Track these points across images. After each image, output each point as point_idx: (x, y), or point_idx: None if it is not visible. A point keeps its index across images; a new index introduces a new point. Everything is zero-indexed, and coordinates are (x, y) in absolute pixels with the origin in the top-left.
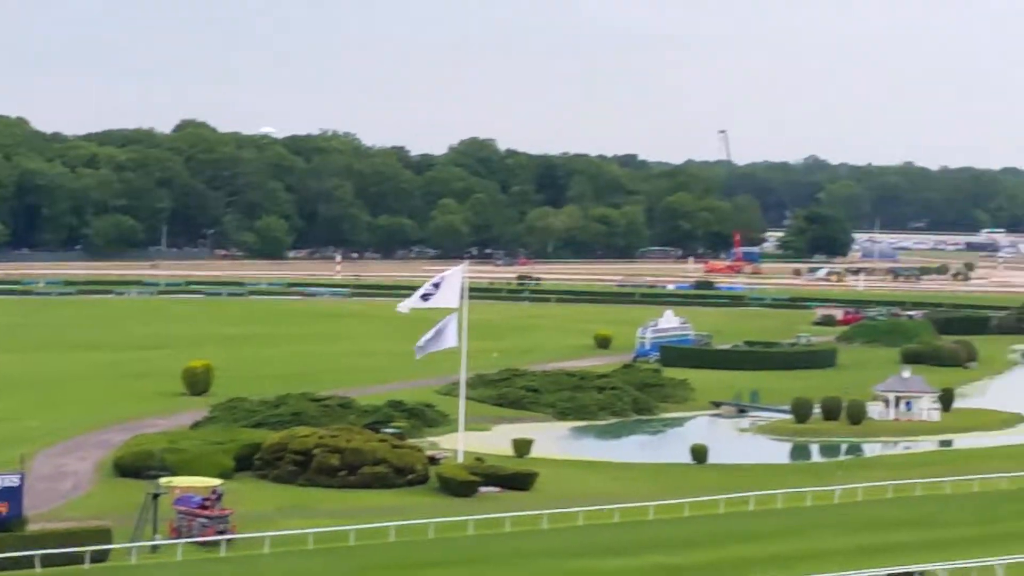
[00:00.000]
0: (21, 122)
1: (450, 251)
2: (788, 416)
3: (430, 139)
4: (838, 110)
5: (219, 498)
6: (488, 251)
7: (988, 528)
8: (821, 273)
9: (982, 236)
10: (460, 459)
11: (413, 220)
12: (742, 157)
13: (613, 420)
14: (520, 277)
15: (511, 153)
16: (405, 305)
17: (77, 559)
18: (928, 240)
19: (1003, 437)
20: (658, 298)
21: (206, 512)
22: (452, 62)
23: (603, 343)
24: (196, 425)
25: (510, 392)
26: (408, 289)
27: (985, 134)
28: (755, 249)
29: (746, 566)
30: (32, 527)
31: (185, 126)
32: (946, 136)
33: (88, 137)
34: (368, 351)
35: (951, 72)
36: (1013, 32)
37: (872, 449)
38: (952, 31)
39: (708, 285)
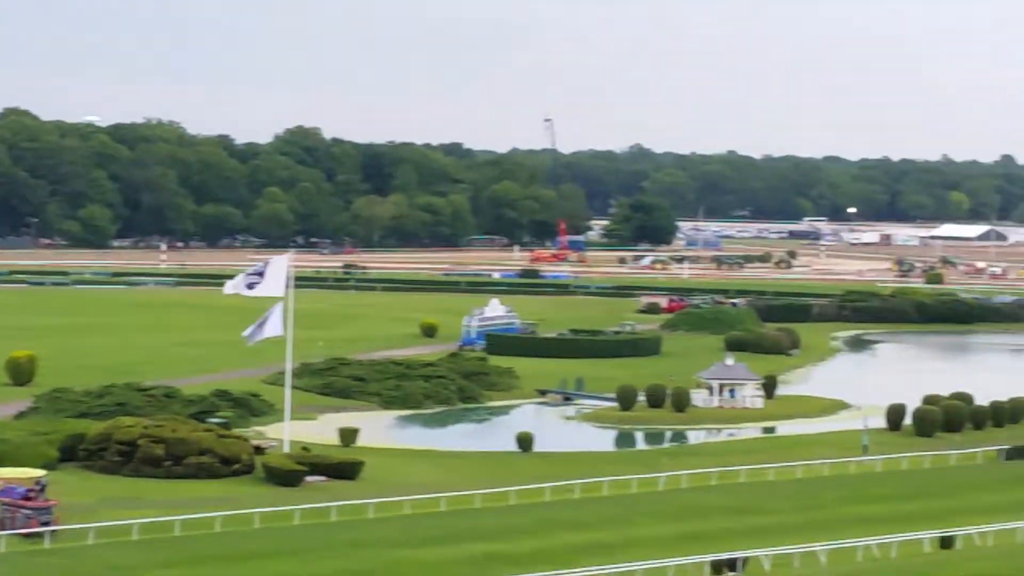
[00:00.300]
0: None
1: (275, 240)
2: (613, 404)
3: (255, 128)
4: (663, 100)
5: (43, 489)
6: (314, 240)
7: (811, 514)
8: (646, 261)
9: (804, 224)
10: (286, 449)
11: (238, 209)
12: (568, 146)
13: (439, 409)
14: (346, 266)
15: (337, 142)
16: (230, 286)
17: None
18: (751, 228)
19: (825, 424)
20: (484, 287)
21: (30, 503)
22: (278, 51)
23: (429, 332)
24: (20, 416)
25: (336, 381)
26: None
27: (807, 124)
28: (580, 238)
29: (572, 554)
30: None
31: (8, 114)
32: (769, 125)
33: None
34: (193, 341)
35: (774, 62)
36: (833, 20)
37: (696, 436)
38: (775, 22)
39: (534, 274)
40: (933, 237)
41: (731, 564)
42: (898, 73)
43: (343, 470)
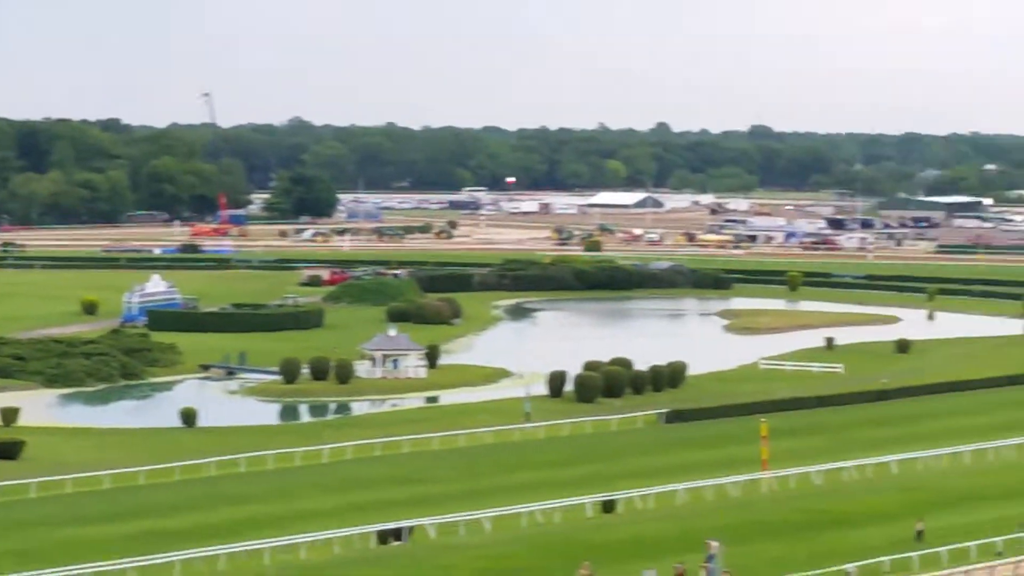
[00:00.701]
0: None
1: None
2: (277, 377)
3: None
4: (322, 73)
5: None
6: None
7: (475, 482)
8: (307, 234)
9: (464, 194)
10: None
11: None
12: (227, 120)
13: (101, 386)
14: (3, 244)
15: None
16: None
17: None
18: (412, 199)
19: (488, 392)
20: (145, 263)
21: None
22: None
23: (90, 309)
24: None
25: None
26: None
27: (466, 95)
28: (241, 212)
29: (237, 527)
30: None
31: None
32: (428, 97)
33: None
34: None
35: (431, 34)
36: None
37: (360, 408)
38: None
39: (194, 249)
40: (591, 205)
41: (397, 533)
42: (553, 43)
43: (4, 450)
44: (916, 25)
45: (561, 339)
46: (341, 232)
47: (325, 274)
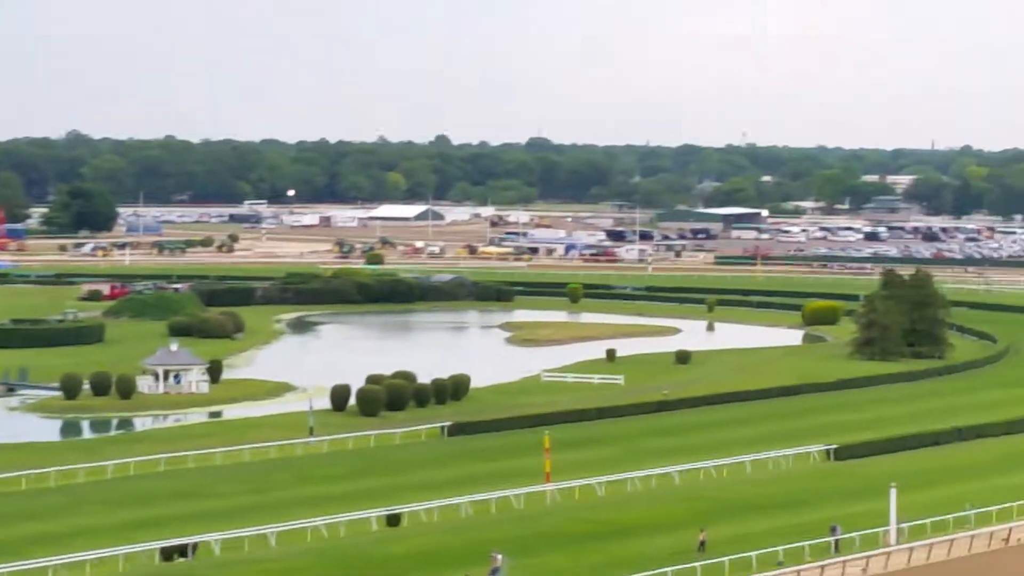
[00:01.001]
0: None
1: None
2: (57, 393)
3: None
4: (96, 85)
5: None
6: None
7: (259, 497)
8: (87, 248)
9: (245, 208)
10: None
11: None
12: (2, 133)
13: None
14: None
15: None
16: None
17: None
18: (193, 213)
19: (271, 406)
20: None
21: None
22: None
23: None
24: None
25: None
26: None
27: (245, 107)
28: (19, 226)
29: (20, 545)
30: None
31: None
32: (207, 109)
33: None
34: None
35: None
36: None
37: (143, 423)
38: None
39: None
40: (372, 218)
41: (182, 550)
42: (332, 55)
43: None
44: (698, 37)
45: (344, 352)
46: (121, 246)
47: (105, 288)
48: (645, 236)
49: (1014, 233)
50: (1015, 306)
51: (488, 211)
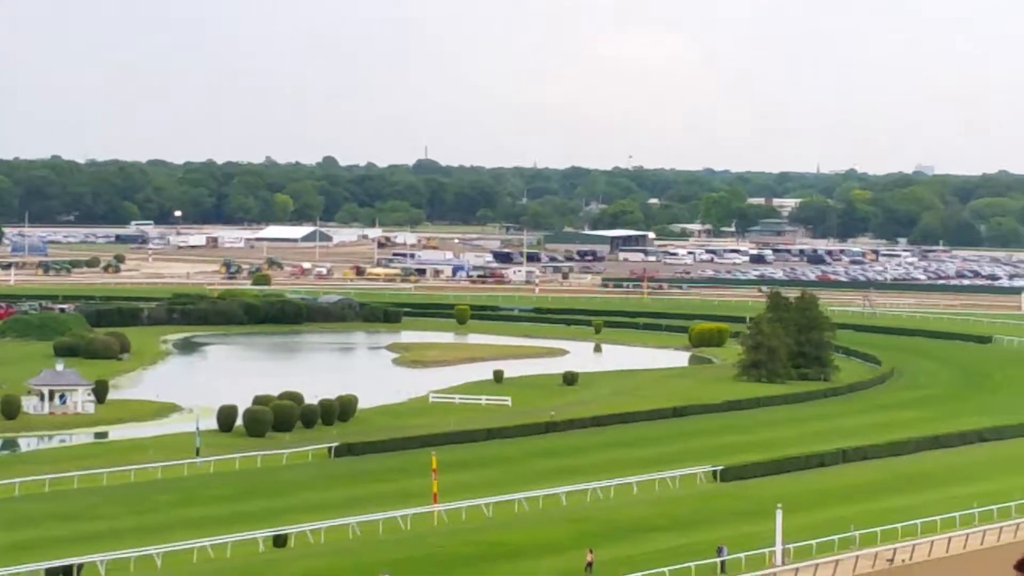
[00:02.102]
0: None
1: None
2: None
3: None
4: None
5: None
6: None
7: (145, 518)
8: None
9: (132, 228)
10: None
11: None
12: None
13: None
14: None
15: None
16: None
17: None
18: (78, 233)
19: (157, 427)
20: None
21: None
22: None
23: None
24: None
25: None
26: None
27: (132, 127)
28: None
29: None
30: None
31: None
32: (93, 128)
33: None
34: None
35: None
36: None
37: (28, 444)
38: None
39: None
40: (259, 239)
41: (67, 571)
42: (219, 76)
43: None
44: (586, 59)
45: (231, 373)
46: (6, 266)
47: None
48: (532, 258)
49: (898, 256)
50: (899, 328)
51: (376, 232)
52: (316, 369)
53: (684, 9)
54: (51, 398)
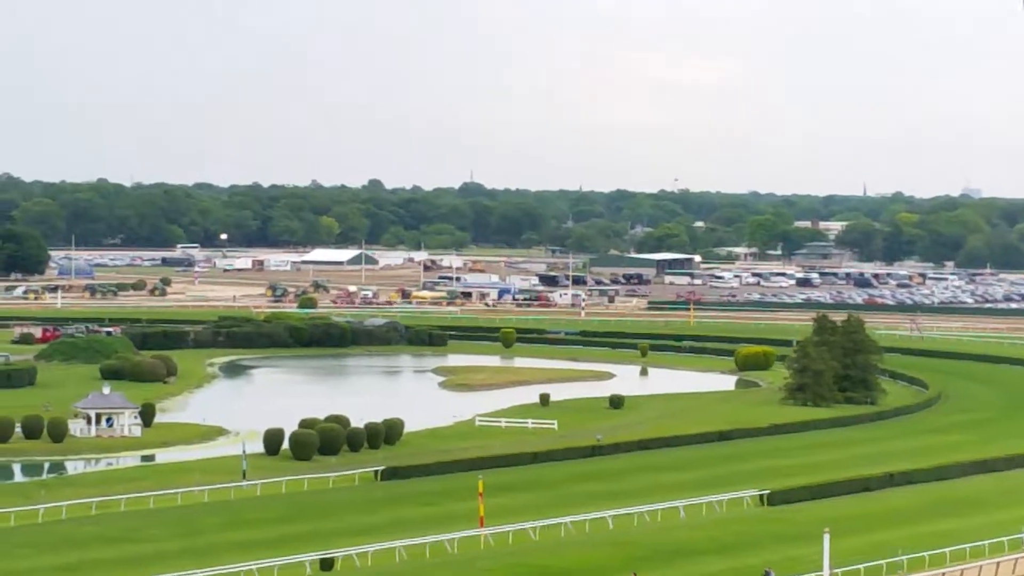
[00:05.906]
0: None
1: None
2: None
3: None
4: (31, 128)
5: None
6: None
7: (190, 540)
8: (18, 292)
9: (177, 251)
10: None
11: None
12: None
13: None
14: None
15: None
16: None
17: None
18: (124, 256)
19: (203, 450)
20: None
21: None
22: None
23: None
24: None
25: None
26: None
27: (176, 150)
28: None
29: None
30: None
31: None
32: (139, 152)
33: None
34: None
35: (147, 90)
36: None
37: (75, 466)
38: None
39: None
40: (305, 262)
41: None
42: (263, 99)
43: None
44: (631, 82)
45: (277, 396)
46: (53, 289)
47: (37, 332)
48: (578, 281)
49: (945, 280)
50: (946, 352)
51: (421, 255)
52: (362, 392)
53: (730, 32)
54: (98, 421)
